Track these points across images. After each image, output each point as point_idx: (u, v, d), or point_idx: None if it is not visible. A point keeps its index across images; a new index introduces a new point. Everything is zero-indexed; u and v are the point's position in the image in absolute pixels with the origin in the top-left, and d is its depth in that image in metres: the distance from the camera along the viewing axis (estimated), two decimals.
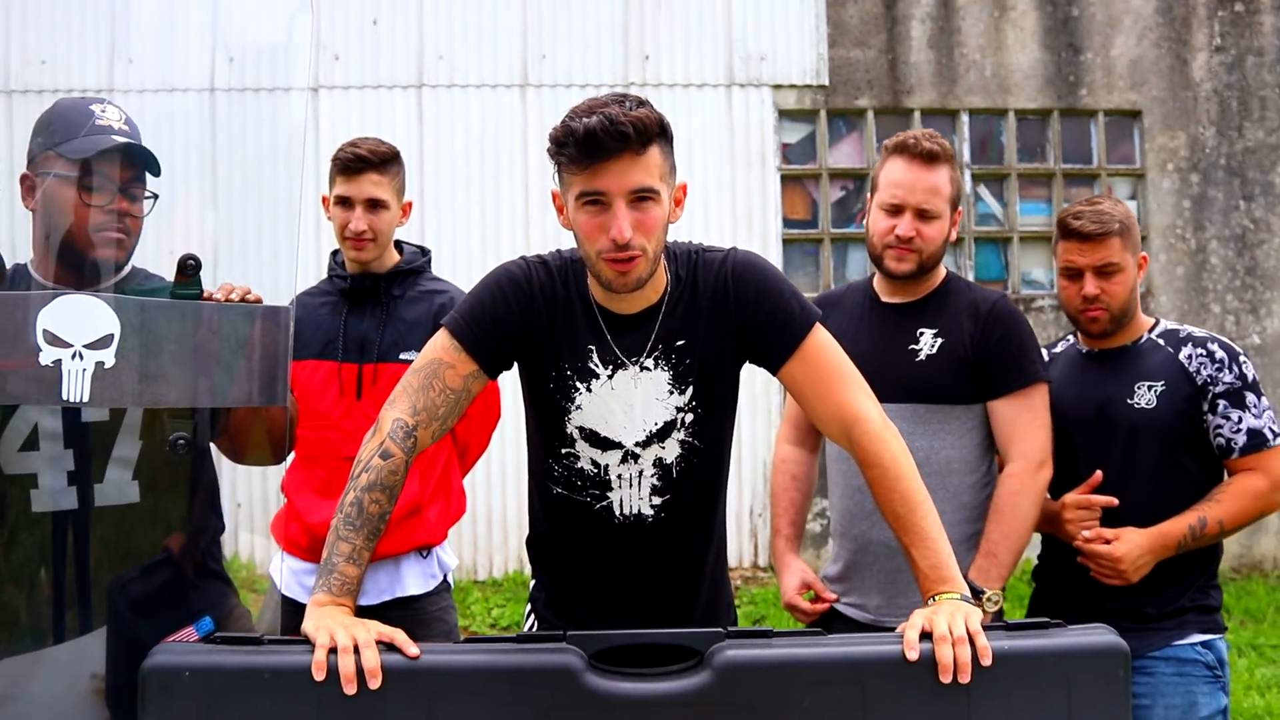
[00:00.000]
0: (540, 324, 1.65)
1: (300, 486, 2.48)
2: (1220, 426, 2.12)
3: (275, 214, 1.81)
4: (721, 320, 1.66)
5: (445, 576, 2.56)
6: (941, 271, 2.28)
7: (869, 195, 2.30)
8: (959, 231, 6.48)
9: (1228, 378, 2.12)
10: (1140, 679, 2.08)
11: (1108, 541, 2.08)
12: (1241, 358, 2.16)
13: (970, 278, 6.30)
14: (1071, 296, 2.19)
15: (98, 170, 1.62)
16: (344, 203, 2.48)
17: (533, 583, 1.89)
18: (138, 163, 1.67)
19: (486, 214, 6.03)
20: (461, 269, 5.21)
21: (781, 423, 2.57)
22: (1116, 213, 2.16)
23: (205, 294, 1.59)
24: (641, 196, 1.53)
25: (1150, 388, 2.14)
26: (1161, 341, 2.20)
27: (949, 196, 2.20)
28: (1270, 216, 6.51)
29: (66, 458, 1.63)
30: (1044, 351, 2.25)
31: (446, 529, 2.57)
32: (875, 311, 2.28)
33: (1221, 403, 2.11)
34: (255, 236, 1.85)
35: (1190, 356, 2.15)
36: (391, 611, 2.39)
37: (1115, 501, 2.09)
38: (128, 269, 1.73)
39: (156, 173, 1.69)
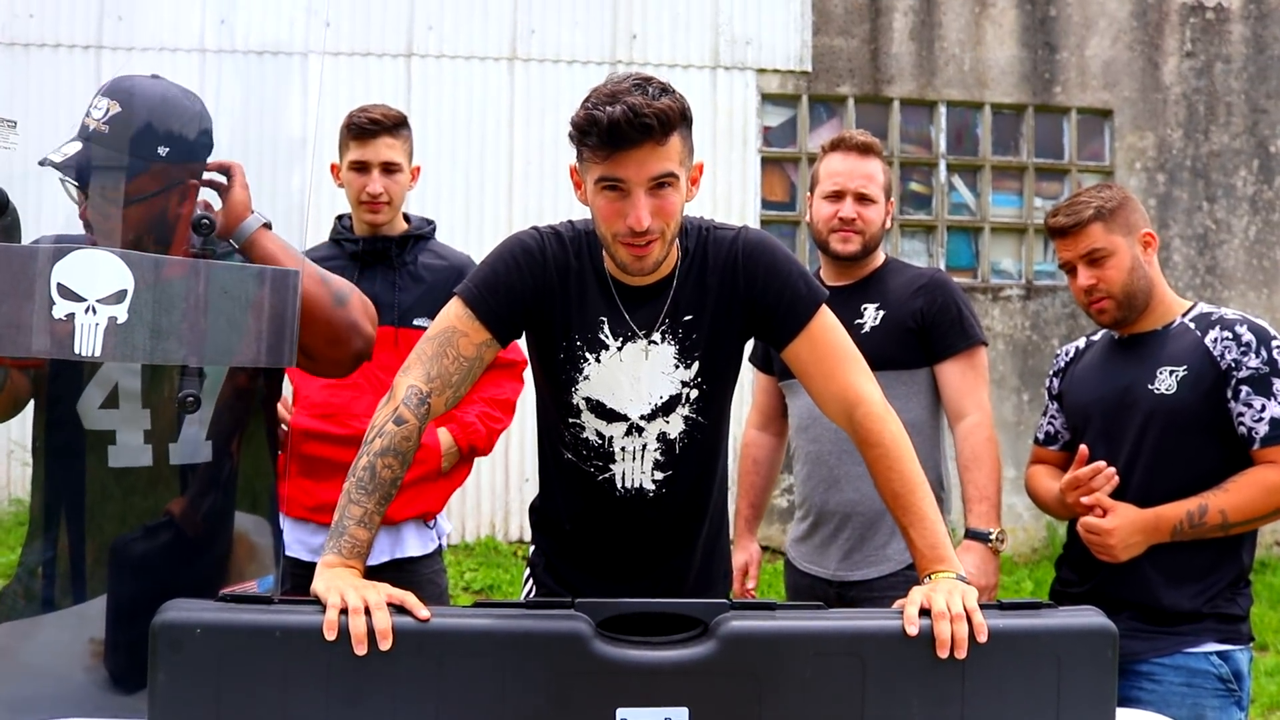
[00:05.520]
0: (553, 294, 1.63)
1: (304, 444, 2.44)
2: (1242, 414, 1.92)
3: (283, 177, 1.77)
4: (730, 297, 1.65)
5: (441, 541, 2.55)
6: (881, 255, 2.44)
7: (809, 193, 2.45)
8: (935, 220, 6.47)
9: (1253, 362, 1.92)
10: (1147, 685, 1.93)
11: (1105, 515, 1.96)
12: (1275, 342, 1.95)
13: (942, 265, 6.34)
14: (1075, 292, 2.11)
15: (83, 179, 1.57)
16: (359, 167, 2.44)
17: (532, 548, 1.89)
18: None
19: (471, 186, 5.98)
20: (444, 237, 5.14)
21: (750, 408, 2.63)
22: (1095, 199, 2.07)
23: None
24: (661, 184, 1.52)
25: (1172, 373, 1.97)
26: (1192, 325, 2.03)
27: (883, 185, 2.37)
28: (1231, 218, 6.59)
29: (144, 416, 1.61)
30: (1083, 339, 2.26)
31: (450, 494, 2.56)
32: None
33: (1244, 389, 1.92)
34: (261, 200, 1.81)
35: (1216, 340, 1.96)
36: (388, 573, 2.37)
37: (1104, 466, 1.97)
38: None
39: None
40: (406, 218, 2.57)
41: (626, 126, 1.46)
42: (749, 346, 1.77)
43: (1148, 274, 2.07)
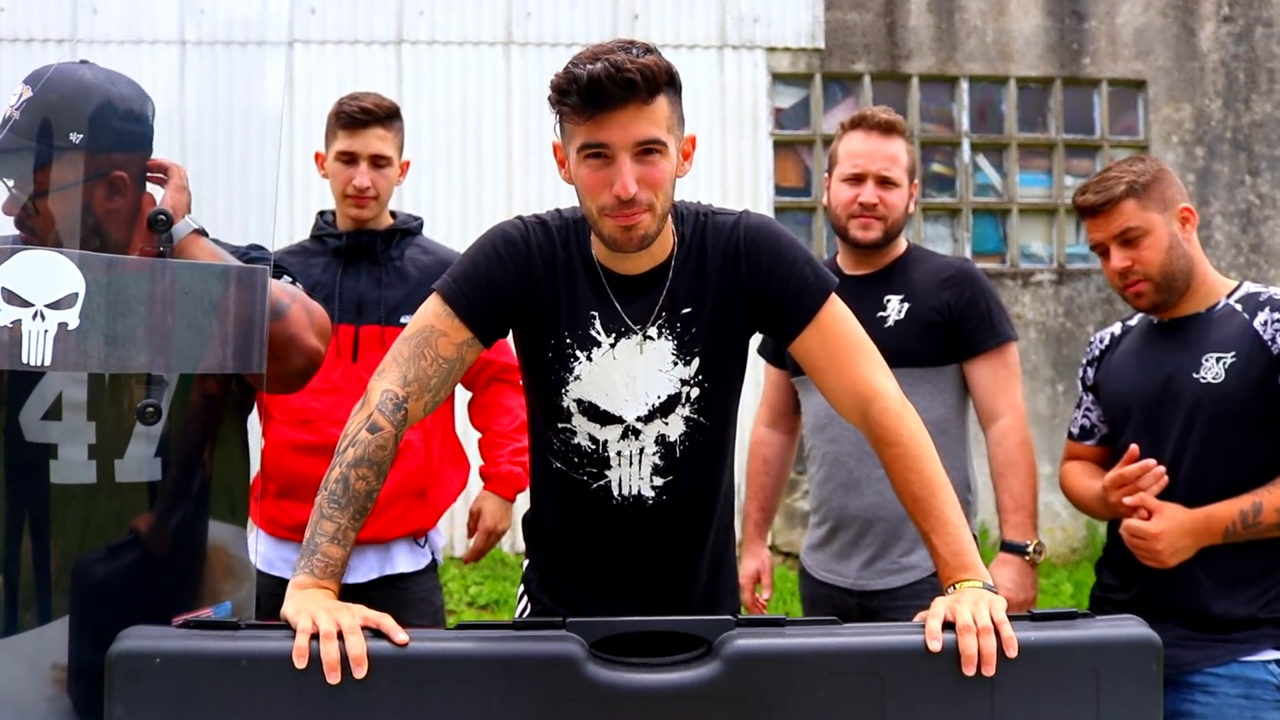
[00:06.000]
0: (539, 287, 1.59)
1: (284, 456, 2.41)
2: None
3: (251, 174, 1.72)
4: (731, 287, 1.60)
5: (434, 556, 2.53)
6: (903, 243, 2.39)
7: (827, 174, 2.40)
8: (959, 203, 6.41)
9: None
10: (1200, 698, 1.86)
11: (1150, 516, 1.89)
12: None
13: (967, 250, 6.29)
14: (1109, 275, 2.04)
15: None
16: (346, 158, 2.42)
17: (526, 563, 1.84)
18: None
19: (468, 176, 5.95)
20: (440, 233, 5.10)
21: (759, 404, 2.60)
22: (1127, 174, 2.00)
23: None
24: (648, 149, 1.48)
25: (1219, 360, 1.90)
26: (1239, 307, 1.95)
27: (906, 166, 2.32)
28: (1276, 192, 6.50)
29: (88, 429, 1.57)
30: (1118, 325, 2.20)
31: (443, 511, 2.54)
32: (841, 286, 2.33)
33: None
34: (229, 196, 1.78)
35: (1266, 323, 1.89)
36: (377, 591, 2.37)
37: (1154, 464, 1.89)
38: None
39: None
40: (393, 213, 2.55)
41: (608, 83, 1.42)
42: (755, 340, 1.73)
43: (1187, 252, 2.00)
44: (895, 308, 2.28)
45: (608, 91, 1.43)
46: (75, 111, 1.54)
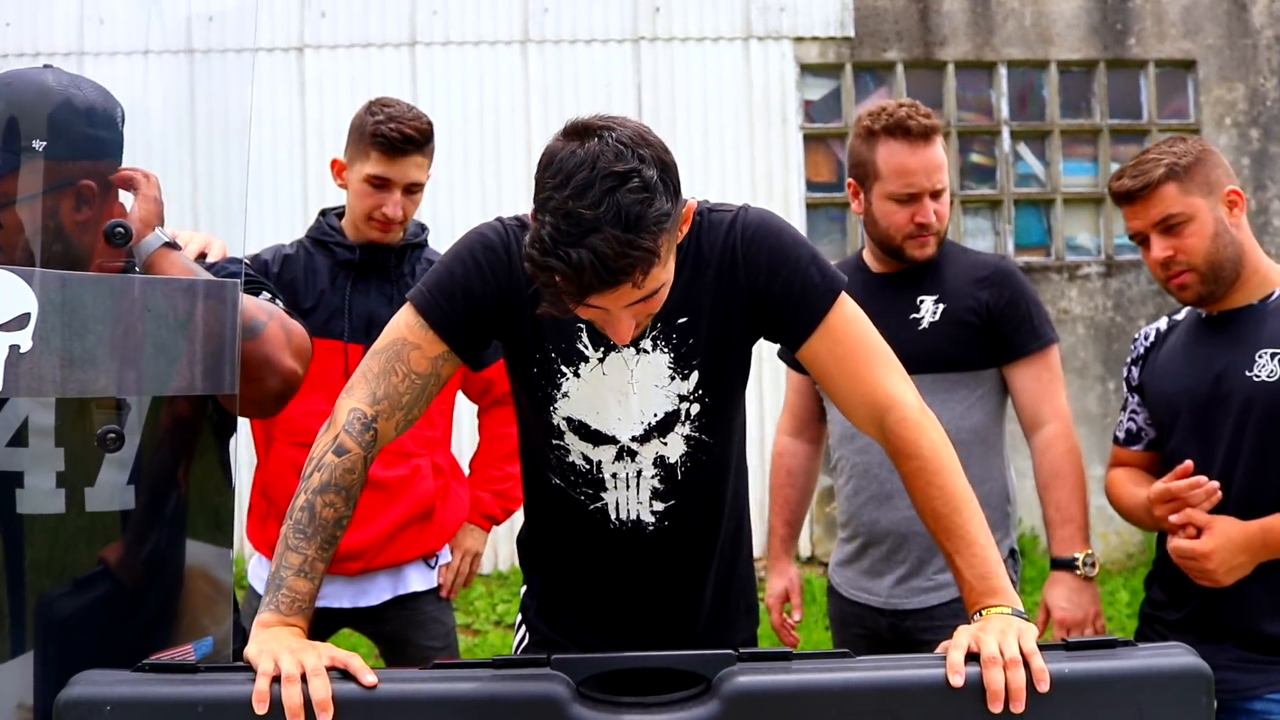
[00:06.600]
0: (521, 297, 1.51)
1: (288, 478, 2.36)
2: None
3: (216, 182, 1.67)
4: (730, 291, 1.51)
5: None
6: None
7: (860, 180, 2.24)
8: (1000, 194, 6.26)
9: None
10: None
11: (1200, 533, 1.80)
12: None
13: (1010, 244, 6.16)
14: (1151, 266, 1.94)
15: None
16: (379, 184, 2.31)
17: (523, 589, 1.77)
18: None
19: (487, 181, 5.92)
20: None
21: (781, 411, 2.53)
22: (1166, 155, 1.90)
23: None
24: (645, 299, 1.36)
25: (1275, 356, 1.80)
26: None
27: (946, 166, 2.23)
28: None
29: (57, 456, 1.52)
30: (1164, 319, 2.09)
31: (454, 530, 2.51)
32: (869, 285, 2.26)
33: None
34: (195, 205, 1.73)
35: None
36: (389, 612, 2.39)
37: (1205, 480, 1.79)
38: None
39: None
40: None
41: (598, 283, 1.27)
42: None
43: (1235, 239, 1.89)
44: (930, 308, 2.20)
45: (597, 288, 1.28)
46: (36, 117, 1.49)
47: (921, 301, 2.21)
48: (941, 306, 2.20)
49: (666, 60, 6.02)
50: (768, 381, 5.60)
